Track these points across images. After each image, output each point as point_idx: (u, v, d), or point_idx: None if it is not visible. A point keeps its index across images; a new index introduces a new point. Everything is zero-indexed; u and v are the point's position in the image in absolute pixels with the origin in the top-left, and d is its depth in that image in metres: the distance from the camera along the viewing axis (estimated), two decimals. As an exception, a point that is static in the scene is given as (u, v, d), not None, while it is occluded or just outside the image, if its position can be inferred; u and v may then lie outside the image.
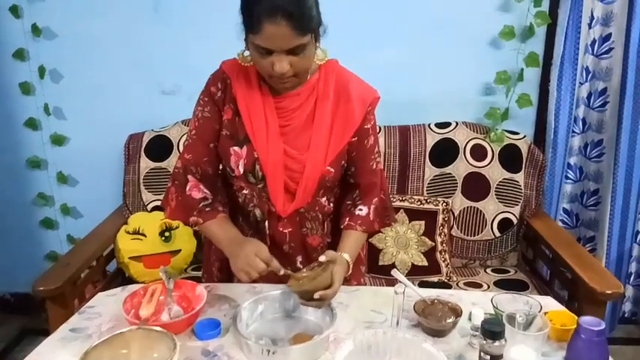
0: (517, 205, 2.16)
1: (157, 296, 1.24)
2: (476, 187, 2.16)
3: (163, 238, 2.10)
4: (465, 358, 1.09)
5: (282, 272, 1.19)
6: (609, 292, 1.58)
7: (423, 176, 2.18)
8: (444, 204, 2.13)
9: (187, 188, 1.33)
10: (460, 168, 2.17)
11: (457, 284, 2.02)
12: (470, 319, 1.19)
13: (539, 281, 2.05)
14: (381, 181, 1.41)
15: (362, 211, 1.35)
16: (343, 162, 1.34)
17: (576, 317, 1.14)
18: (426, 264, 2.08)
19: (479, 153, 2.17)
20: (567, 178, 2.34)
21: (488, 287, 1.98)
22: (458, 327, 1.18)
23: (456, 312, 1.19)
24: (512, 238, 2.17)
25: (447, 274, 2.06)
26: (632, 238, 2.30)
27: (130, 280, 2.05)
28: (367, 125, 1.34)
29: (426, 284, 2.00)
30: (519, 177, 2.17)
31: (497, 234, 2.16)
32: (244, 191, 1.33)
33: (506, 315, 1.08)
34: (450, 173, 2.18)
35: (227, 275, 1.45)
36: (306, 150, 1.29)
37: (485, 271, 2.16)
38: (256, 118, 1.28)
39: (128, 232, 2.07)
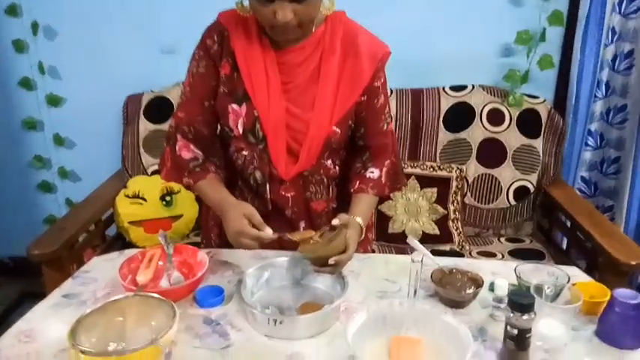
0: (534, 172, 2.06)
1: (156, 262, 1.16)
2: (492, 153, 2.06)
3: (164, 202, 2.01)
4: (486, 331, 1.01)
5: (275, 237, 1.11)
6: (633, 262, 1.50)
7: (437, 142, 2.08)
8: (458, 171, 2.03)
9: (177, 148, 1.25)
10: (475, 133, 2.06)
11: (470, 253, 1.94)
12: (491, 289, 1.11)
13: (555, 251, 1.97)
14: (392, 142, 1.31)
15: (373, 173, 1.26)
16: (350, 122, 1.24)
17: (607, 289, 1.06)
18: (438, 232, 2.00)
19: (496, 118, 2.06)
20: (587, 145, 2.23)
21: (503, 257, 1.90)
22: (478, 298, 1.10)
23: (477, 282, 1.10)
24: (528, 207, 2.08)
25: (459, 242, 1.98)
26: (651, 208, 2.21)
27: (131, 245, 1.98)
28: (377, 83, 1.23)
29: (437, 253, 1.91)
30: (537, 143, 2.06)
31: (513, 202, 2.07)
32: (244, 152, 1.24)
33: (534, 286, 0.99)
34: (464, 139, 2.07)
35: (226, 241, 1.36)
36: (311, 109, 1.18)
37: (499, 240, 2.07)
38: (256, 74, 1.17)
39: (127, 196, 1.99)
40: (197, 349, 0.97)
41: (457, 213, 2.02)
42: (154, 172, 2.12)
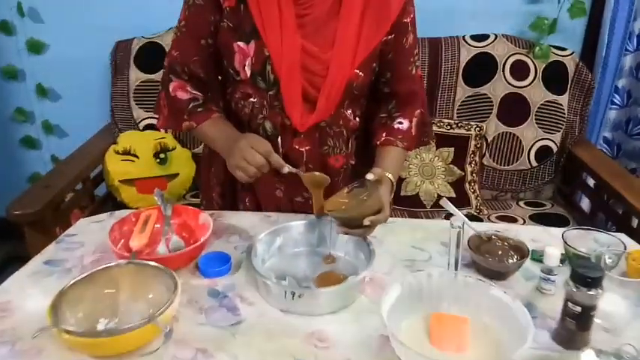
0: (558, 131, 1.91)
1: (152, 224, 1.01)
2: (514, 110, 1.90)
3: (158, 160, 1.85)
4: (534, 306, 0.88)
5: (286, 170, 0.98)
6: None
7: (455, 97, 1.91)
8: (477, 129, 1.87)
9: (170, 89, 1.09)
10: (497, 88, 1.90)
11: (488, 218, 1.81)
12: (535, 259, 0.98)
13: (580, 216, 1.85)
14: (422, 89, 1.16)
15: (402, 124, 1.10)
16: (375, 64, 1.08)
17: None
18: (454, 195, 1.86)
19: (520, 71, 1.89)
20: (612, 103, 2.08)
21: (524, 222, 1.78)
22: (521, 268, 0.97)
23: (520, 251, 0.97)
24: (550, 169, 1.94)
25: (476, 206, 1.85)
26: (679, 172, 2.08)
27: (122, 206, 1.83)
28: (406, 19, 1.07)
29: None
30: (563, 100, 1.90)
31: (534, 163, 1.93)
32: (251, 100, 1.07)
33: (595, 256, 0.86)
34: (485, 94, 1.91)
35: (230, 202, 1.22)
36: (330, 47, 1.02)
37: (517, 204, 1.94)
38: (267, 6, 1.00)
39: (118, 153, 1.82)
40: (202, 327, 0.84)
41: (475, 175, 1.88)
42: (147, 127, 1.95)
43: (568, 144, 1.92)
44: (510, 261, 0.95)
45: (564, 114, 1.91)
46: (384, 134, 1.10)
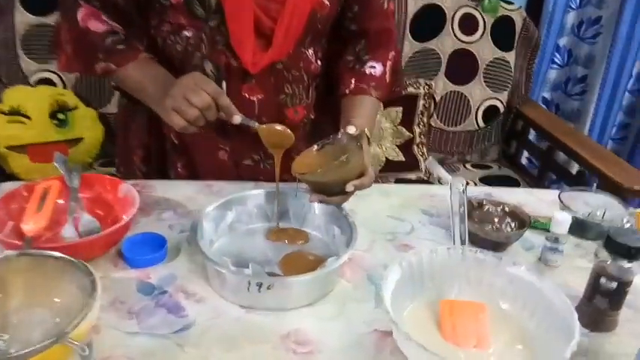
0: (505, 90, 1.82)
1: (52, 200, 0.74)
2: (463, 67, 1.78)
3: (56, 121, 1.51)
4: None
5: (238, 120, 0.77)
6: (637, 187, 1.32)
7: (402, 52, 1.75)
8: (426, 87, 1.73)
9: (79, 18, 0.81)
10: (446, 43, 1.76)
11: (439, 181, 1.70)
12: (535, 226, 0.85)
13: (528, 178, 1.79)
14: (394, 27, 0.97)
15: (375, 69, 0.91)
16: None
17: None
18: (402, 159, 1.72)
19: (469, 25, 1.76)
20: (553, 62, 2.03)
21: (475, 185, 1.68)
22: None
23: (517, 217, 0.83)
24: (496, 130, 1.86)
25: (425, 170, 1.72)
26: (612, 131, 2.09)
27: (12, 179, 1.48)
28: None
29: (402, 182, 1.66)
30: (510, 57, 1.81)
31: (482, 124, 1.83)
32: (185, 33, 0.83)
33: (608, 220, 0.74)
34: (433, 49, 1.76)
35: (157, 168, 0.97)
36: None
37: (464, 166, 1.85)
38: None
39: (3, 113, 1.46)
40: (135, 337, 0.61)
41: (423, 137, 1.75)
42: (40, 82, 1.59)
43: (515, 103, 1.84)
44: (508, 229, 0.81)
45: (511, 72, 1.82)
46: (352, 81, 0.90)
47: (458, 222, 0.69)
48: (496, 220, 0.82)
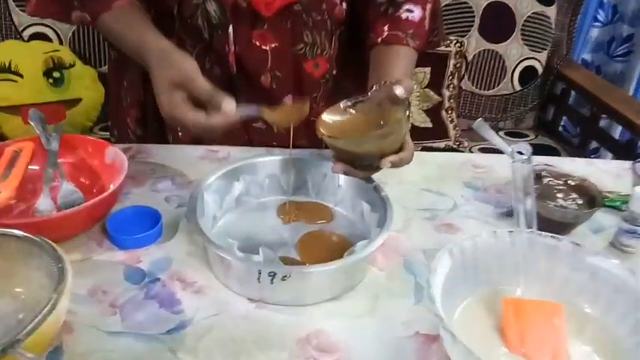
0: (545, 49, 1.64)
1: (23, 164, 0.61)
2: (498, 23, 1.60)
3: (51, 80, 1.38)
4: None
5: (231, 109, 0.57)
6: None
7: None
8: (458, 45, 1.56)
9: None
10: (480, -6, 1.58)
11: (470, 150, 1.55)
12: (607, 204, 0.70)
13: (569, 147, 1.62)
14: None
15: (412, 13, 0.75)
16: None
17: None
18: (430, 125, 1.56)
19: (506, -26, 1.57)
20: (595, 20, 1.84)
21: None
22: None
23: (586, 193, 0.68)
24: (533, 94, 1.69)
25: (455, 137, 1.57)
26: (659, 97, 1.91)
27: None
28: None
29: (429, 150, 1.51)
30: (551, 12, 1.62)
31: (518, 87, 1.66)
32: None
33: None
34: (465, 2, 1.58)
35: (155, 131, 0.84)
36: None
37: (497, 134, 1.68)
38: None
39: (-7, 70, 1.33)
40: (117, 338, 0.49)
41: (452, 101, 1.58)
42: (33, 37, 1.45)
43: (555, 64, 1.66)
44: (574, 207, 0.66)
45: (552, 29, 1.63)
46: (385, 28, 0.74)
47: (521, 199, 0.54)
48: (559, 196, 0.68)
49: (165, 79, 0.57)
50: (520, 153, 0.58)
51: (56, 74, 1.38)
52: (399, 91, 0.59)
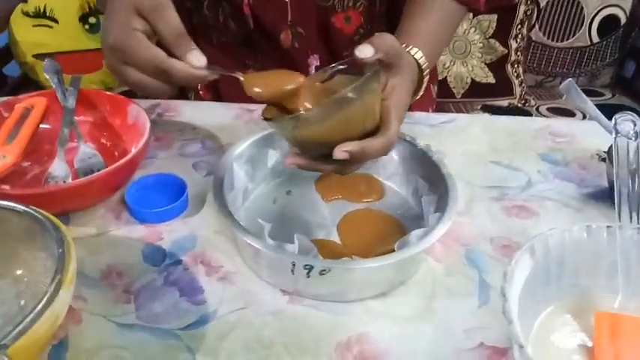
0: (631, -5, 1.43)
1: (33, 124, 0.54)
2: (579, -38, 1.40)
3: (87, 25, 1.31)
4: None
5: (201, 72, 0.43)
6: None
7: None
8: (530, -12, 1.38)
9: None
10: None
11: (537, 110, 1.39)
12: None
13: (653, 110, 1.44)
14: None
15: None
16: None
17: None
18: (493, 81, 1.41)
19: None
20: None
21: (584, 117, 1.36)
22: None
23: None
24: (614, 47, 1.49)
25: (521, 95, 1.42)
26: None
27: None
28: None
29: (491, 109, 1.37)
30: (644, -51, 1.40)
31: (596, 39, 1.47)
32: None
33: None
34: (541, -64, 1.39)
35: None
36: None
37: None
38: None
39: (28, 15, 1.28)
40: (130, 331, 0.42)
41: (520, 53, 1.42)
42: (69, -20, 1.38)
43: (642, 13, 1.45)
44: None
45: (642, -30, 1.42)
46: None
47: (626, 184, 0.43)
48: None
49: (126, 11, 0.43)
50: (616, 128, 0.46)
51: (92, 20, 1.32)
52: (362, 51, 0.43)
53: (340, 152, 0.42)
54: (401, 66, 0.48)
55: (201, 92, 0.72)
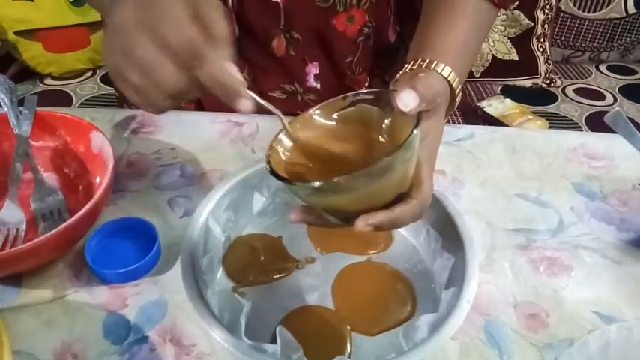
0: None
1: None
2: None
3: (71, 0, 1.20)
4: None
5: (244, 98, 0.32)
6: None
7: None
8: (561, -47, 1.23)
9: None
10: None
11: (562, 91, 1.27)
12: None
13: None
14: None
15: None
16: None
17: None
18: (516, 58, 1.28)
19: None
20: None
21: (615, 100, 1.24)
22: None
23: None
24: (652, 18, 1.35)
25: (546, 74, 1.29)
26: None
27: (28, 72, 1.24)
28: None
29: (512, 91, 1.25)
30: None
31: (632, 9, 1.32)
32: None
33: None
34: None
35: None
36: None
37: (597, 69, 1.38)
38: None
39: (6, -12, 1.17)
40: None
41: (547, 26, 1.28)
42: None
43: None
44: None
45: None
46: None
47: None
48: None
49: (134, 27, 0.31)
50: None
51: (77, -7, 1.20)
52: (401, 103, 0.33)
53: (365, 225, 0.33)
54: (439, 104, 0.39)
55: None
